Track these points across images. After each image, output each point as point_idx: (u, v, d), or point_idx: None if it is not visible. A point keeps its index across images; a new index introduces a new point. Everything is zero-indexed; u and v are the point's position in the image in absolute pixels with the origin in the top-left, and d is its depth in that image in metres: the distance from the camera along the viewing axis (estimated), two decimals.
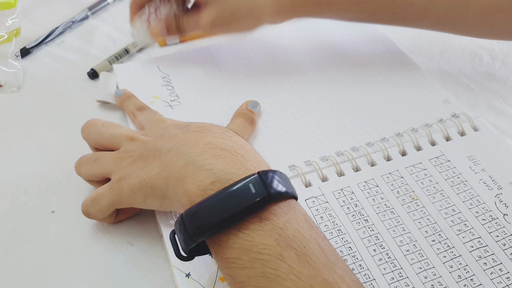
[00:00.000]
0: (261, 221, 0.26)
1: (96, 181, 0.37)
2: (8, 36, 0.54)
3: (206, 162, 0.29)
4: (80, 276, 0.34)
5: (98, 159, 0.36)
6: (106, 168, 0.35)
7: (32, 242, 0.36)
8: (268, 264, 0.25)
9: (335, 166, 0.39)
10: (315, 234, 0.27)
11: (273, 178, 0.28)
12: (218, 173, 0.28)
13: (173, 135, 0.33)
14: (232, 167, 0.28)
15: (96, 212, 0.35)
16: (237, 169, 0.28)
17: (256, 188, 0.27)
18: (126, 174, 0.33)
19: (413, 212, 0.36)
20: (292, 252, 0.25)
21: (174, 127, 0.34)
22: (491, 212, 0.36)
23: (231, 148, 0.30)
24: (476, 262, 0.33)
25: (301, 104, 0.46)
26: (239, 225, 0.26)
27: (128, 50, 0.54)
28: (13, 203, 0.39)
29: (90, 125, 0.38)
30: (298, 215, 0.27)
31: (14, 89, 0.50)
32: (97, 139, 0.38)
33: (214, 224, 0.26)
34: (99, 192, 0.34)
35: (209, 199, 0.27)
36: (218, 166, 0.28)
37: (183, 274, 0.33)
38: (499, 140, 0.42)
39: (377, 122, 0.44)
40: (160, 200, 0.31)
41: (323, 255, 0.26)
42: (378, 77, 0.49)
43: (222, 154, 0.29)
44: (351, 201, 0.37)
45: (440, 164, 0.40)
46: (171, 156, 0.31)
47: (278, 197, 0.27)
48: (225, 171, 0.28)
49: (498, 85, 0.49)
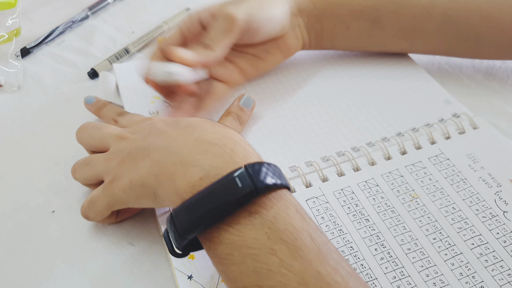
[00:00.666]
0: (250, 215, 0.26)
1: (93, 184, 0.37)
2: (8, 36, 0.54)
3: (195, 158, 0.29)
4: (80, 276, 0.34)
5: (90, 162, 0.36)
6: (97, 170, 0.35)
7: (32, 242, 0.36)
8: (259, 259, 0.25)
9: (336, 167, 0.39)
10: (307, 225, 0.27)
11: (259, 171, 0.27)
12: (207, 169, 0.28)
13: (162, 131, 0.33)
14: (220, 161, 0.28)
15: (94, 215, 0.35)
16: (225, 162, 0.28)
17: (243, 181, 0.26)
18: (117, 175, 0.33)
19: (414, 211, 0.36)
20: (283, 245, 0.25)
21: (163, 123, 0.34)
22: (491, 209, 0.36)
23: (220, 142, 0.30)
24: (477, 259, 0.33)
25: (301, 104, 0.46)
26: (229, 220, 0.26)
27: (128, 50, 0.54)
28: (14, 203, 0.39)
29: (82, 129, 0.39)
30: (289, 206, 0.27)
31: (14, 89, 0.50)
32: (89, 142, 0.38)
33: (201, 221, 0.26)
34: (94, 195, 0.34)
35: (195, 196, 0.27)
36: (206, 162, 0.28)
37: (185, 276, 0.33)
38: (498, 137, 0.42)
39: (378, 122, 0.44)
40: (152, 199, 0.31)
41: (315, 247, 0.26)
42: (379, 77, 0.49)
43: (210, 149, 0.29)
44: (352, 201, 0.37)
45: (439, 162, 0.40)
46: (160, 154, 0.31)
47: (266, 189, 0.27)
48: (213, 166, 0.28)
49: (498, 84, 0.49)
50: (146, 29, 0.57)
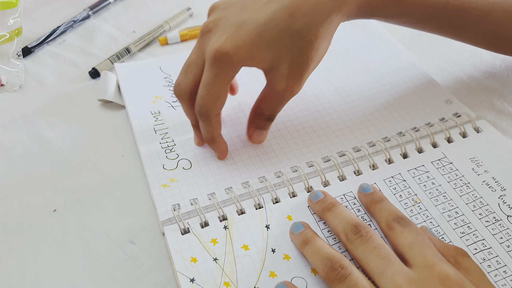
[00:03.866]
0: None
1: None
2: (9, 35, 0.54)
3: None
4: (81, 274, 0.34)
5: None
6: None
7: (34, 241, 0.36)
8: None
9: (338, 171, 0.39)
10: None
11: None
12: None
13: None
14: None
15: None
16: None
17: None
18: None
19: (416, 216, 0.36)
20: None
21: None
22: (495, 213, 0.36)
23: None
24: (480, 264, 0.33)
25: (303, 104, 0.46)
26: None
27: (129, 49, 0.54)
28: (15, 202, 0.39)
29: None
30: None
31: (16, 88, 0.50)
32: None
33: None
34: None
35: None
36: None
37: (187, 279, 0.33)
38: (502, 141, 0.42)
39: (379, 123, 0.44)
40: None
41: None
42: (380, 77, 0.49)
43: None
44: (354, 206, 0.37)
45: (442, 166, 0.40)
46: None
47: None
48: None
49: (498, 84, 0.49)
50: (148, 29, 0.57)
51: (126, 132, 0.45)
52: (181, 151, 0.42)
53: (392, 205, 0.35)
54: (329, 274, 0.30)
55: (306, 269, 0.33)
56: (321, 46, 0.36)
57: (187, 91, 0.37)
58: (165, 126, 0.44)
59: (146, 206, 0.38)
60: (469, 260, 0.31)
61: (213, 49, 0.34)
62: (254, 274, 0.33)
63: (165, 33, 0.57)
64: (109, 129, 0.45)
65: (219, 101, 0.36)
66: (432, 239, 0.33)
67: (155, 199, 0.38)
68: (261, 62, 0.35)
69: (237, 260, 0.34)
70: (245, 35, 0.34)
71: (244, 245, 0.34)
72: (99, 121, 0.46)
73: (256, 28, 0.34)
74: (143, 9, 0.61)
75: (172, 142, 0.43)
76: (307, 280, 0.32)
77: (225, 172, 0.40)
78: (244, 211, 0.37)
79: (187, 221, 0.36)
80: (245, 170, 0.40)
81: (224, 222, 0.36)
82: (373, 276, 0.30)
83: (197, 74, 0.36)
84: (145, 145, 0.42)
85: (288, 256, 0.34)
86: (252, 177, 0.39)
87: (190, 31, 0.56)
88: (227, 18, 0.35)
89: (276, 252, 0.34)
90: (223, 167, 0.40)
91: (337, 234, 0.33)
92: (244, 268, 0.33)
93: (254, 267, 0.33)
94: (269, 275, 0.33)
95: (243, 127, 0.44)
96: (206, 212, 0.37)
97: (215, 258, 0.34)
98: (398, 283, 0.28)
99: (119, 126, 0.46)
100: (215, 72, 0.34)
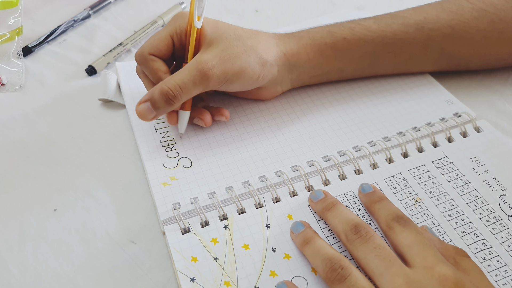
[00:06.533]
0: None
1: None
2: (10, 35, 0.54)
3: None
4: (82, 274, 0.34)
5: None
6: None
7: (34, 240, 0.36)
8: None
9: (338, 170, 0.39)
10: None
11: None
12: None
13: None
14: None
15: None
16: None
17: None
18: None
19: (417, 215, 0.36)
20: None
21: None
22: (495, 213, 0.36)
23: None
24: (481, 264, 0.33)
25: (303, 104, 0.46)
26: None
27: (123, 44, 0.54)
28: (15, 202, 0.39)
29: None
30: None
31: (17, 87, 0.50)
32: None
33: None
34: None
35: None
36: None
37: (187, 279, 0.33)
38: (502, 141, 0.42)
39: (380, 122, 0.44)
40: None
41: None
42: (381, 78, 0.49)
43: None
44: (354, 205, 0.37)
45: (443, 166, 0.40)
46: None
47: None
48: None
49: (499, 83, 0.49)
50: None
51: (127, 131, 0.45)
52: (181, 149, 0.42)
53: (392, 205, 0.35)
54: (329, 274, 0.30)
55: (307, 269, 0.33)
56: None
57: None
58: (165, 124, 0.44)
59: (147, 206, 0.38)
60: (468, 260, 0.31)
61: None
62: (255, 274, 0.33)
63: (160, 28, 0.57)
64: (110, 128, 0.45)
65: (153, 44, 0.40)
66: (432, 239, 0.33)
67: (155, 197, 0.38)
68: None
69: (237, 260, 0.34)
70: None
71: (245, 245, 0.34)
72: (99, 121, 0.46)
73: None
74: (143, 8, 0.62)
75: (172, 140, 0.43)
76: (308, 280, 0.32)
77: (225, 171, 0.40)
78: (244, 210, 0.37)
79: (188, 221, 0.36)
80: (246, 169, 0.40)
81: (225, 222, 0.36)
82: (373, 276, 0.30)
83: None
84: (145, 142, 0.42)
85: (288, 256, 0.34)
86: (253, 176, 0.39)
87: None
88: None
89: (276, 252, 0.34)
90: (224, 166, 0.40)
91: (337, 234, 0.33)
92: (244, 267, 0.33)
93: (254, 267, 0.33)
94: (270, 274, 0.33)
95: (242, 126, 0.44)
96: (206, 212, 0.37)
97: (216, 257, 0.34)
98: (398, 284, 0.28)
99: (120, 126, 0.46)
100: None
